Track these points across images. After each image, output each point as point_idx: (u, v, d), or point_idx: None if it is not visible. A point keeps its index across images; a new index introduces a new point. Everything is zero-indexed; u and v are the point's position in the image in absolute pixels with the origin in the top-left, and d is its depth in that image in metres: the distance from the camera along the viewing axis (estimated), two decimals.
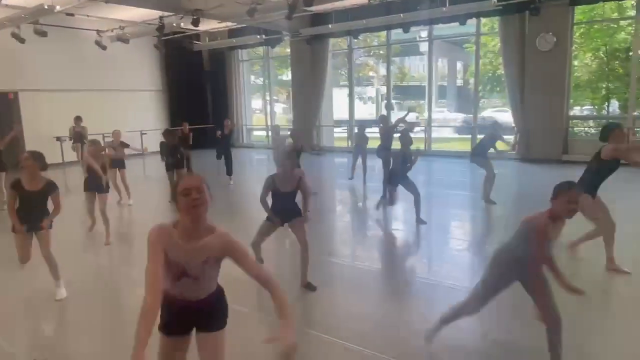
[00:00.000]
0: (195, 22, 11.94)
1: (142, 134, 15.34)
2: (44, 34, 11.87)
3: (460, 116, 22.48)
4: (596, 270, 4.64)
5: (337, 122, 17.68)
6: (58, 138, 13.21)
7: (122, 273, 5.18)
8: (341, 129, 17.99)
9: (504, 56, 12.33)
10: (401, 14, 12.22)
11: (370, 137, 10.03)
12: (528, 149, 12.01)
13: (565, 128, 11.89)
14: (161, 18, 12.34)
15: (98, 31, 13.57)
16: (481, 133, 12.40)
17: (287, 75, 19.57)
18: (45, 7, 10.06)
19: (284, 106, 23.84)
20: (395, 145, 8.13)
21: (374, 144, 9.73)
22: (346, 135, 16.81)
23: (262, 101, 19.53)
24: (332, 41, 15.57)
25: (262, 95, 19.42)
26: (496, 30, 13.20)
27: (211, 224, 2.10)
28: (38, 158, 4.11)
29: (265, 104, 18.96)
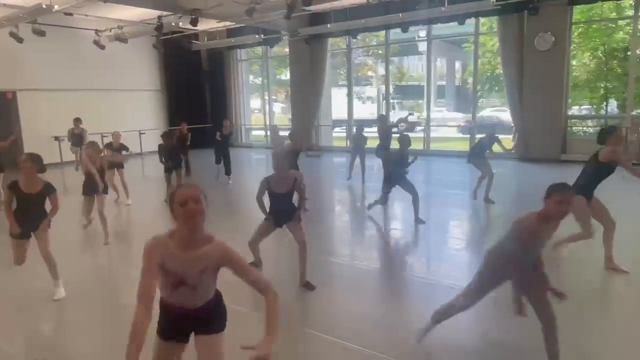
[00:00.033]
0: (193, 22, 11.93)
1: (141, 134, 15.34)
2: (43, 34, 11.86)
3: (459, 115, 22.49)
4: (594, 269, 4.64)
5: (337, 122, 17.67)
6: (56, 138, 13.19)
7: (121, 273, 5.17)
8: (340, 129, 18.00)
9: (503, 56, 12.35)
10: (400, 14, 12.24)
11: (369, 137, 10.02)
12: (527, 149, 12.04)
13: (563, 128, 11.92)
14: (159, 17, 12.32)
15: (96, 31, 13.54)
16: (480, 133, 12.44)
17: (286, 74, 19.55)
18: (43, 7, 10.04)
19: (283, 106, 23.82)
20: (394, 145, 8.14)
21: (373, 144, 9.73)
22: (345, 134, 16.83)
23: (261, 101, 19.51)
24: (331, 41, 15.57)
25: (261, 94, 19.41)
26: (495, 29, 13.22)
27: (208, 233, 2.08)
28: (36, 160, 4.10)
29: (264, 104, 18.96)
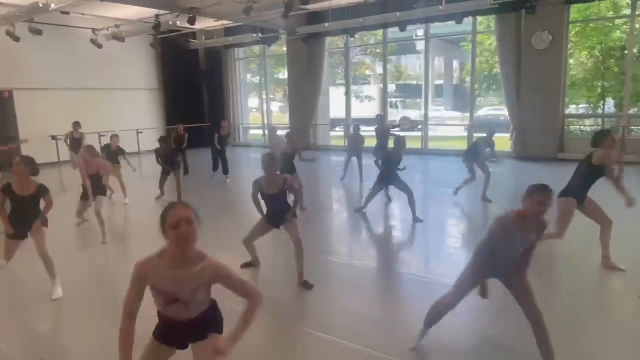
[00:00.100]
0: (191, 20, 11.90)
1: (138, 133, 15.31)
2: (39, 32, 11.81)
3: (457, 114, 22.51)
4: (591, 268, 4.66)
5: (335, 121, 17.63)
6: (53, 137, 13.14)
7: (119, 272, 5.15)
8: (339, 128, 17.96)
9: (500, 54, 12.36)
10: (397, 12, 12.25)
11: (367, 136, 10.00)
12: (524, 147, 12.07)
13: (561, 126, 11.94)
14: (157, 16, 12.28)
15: (93, 29, 13.48)
16: (477, 132, 12.44)
17: (284, 73, 19.51)
18: (40, 5, 10.01)
19: (281, 104, 23.78)
20: (390, 145, 8.14)
21: (370, 142, 9.72)
22: (343, 133, 16.81)
23: (259, 100, 19.49)
24: (329, 39, 15.54)
25: (259, 93, 19.38)
26: (492, 28, 13.21)
27: (200, 251, 2.09)
28: (29, 163, 4.11)
29: (261, 103, 18.94)
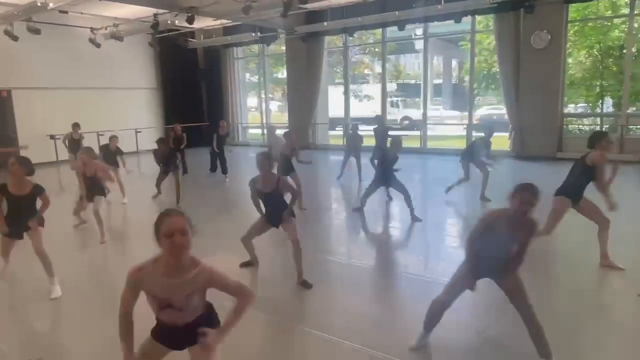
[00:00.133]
0: (190, 20, 11.89)
1: (137, 132, 15.30)
2: (38, 32, 11.78)
3: (456, 114, 22.50)
4: (590, 267, 4.66)
5: (334, 120, 17.61)
6: (52, 136, 13.12)
7: (118, 271, 5.14)
8: (339, 127, 17.94)
9: (499, 54, 12.36)
10: (396, 12, 12.25)
11: (366, 136, 10.00)
12: (523, 147, 12.08)
13: (559, 126, 11.95)
14: (155, 15, 12.26)
15: (92, 29, 13.47)
16: (479, 132, 12.43)
17: (283, 72, 19.51)
18: (38, 5, 10.00)
19: (280, 104, 23.77)
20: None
21: (368, 142, 9.71)
22: (342, 132, 16.79)
23: (258, 99, 19.48)
24: (328, 39, 15.54)
25: (258, 93, 19.37)
26: (491, 27, 13.23)
27: (194, 257, 2.10)
28: (24, 163, 4.11)
29: (260, 102, 18.92)
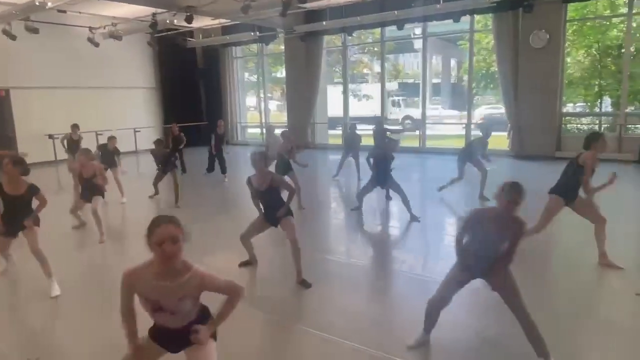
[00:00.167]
0: (188, 19, 11.86)
1: (136, 132, 15.27)
2: (36, 31, 11.74)
3: (454, 113, 22.50)
4: (588, 267, 4.67)
5: (333, 120, 17.57)
6: (50, 136, 13.10)
7: (117, 271, 5.10)
8: (339, 127, 17.91)
9: (498, 53, 12.36)
10: (395, 11, 12.25)
11: (364, 135, 9.99)
12: (522, 146, 12.09)
13: (558, 125, 11.96)
14: (154, 15, 12.23)
15: (90, 28, 13.43)
16: (475, 131, 12.46)
17: (281, 72, 19.51)
18: (36, 4, 9.96)
19: (279, 103, 23.77)
20: None
21: (367, 141, 9.71)
22: (341, 132, 16.78)
23: (256, 98, 19.47)
24: (327, 38, 15.52)
25: (256, 92, 19.36)
26: (490, 27, 13.23)
27: (186, 262, 2.11)
28: (19, 163, 4.09)
29: (259, 101, 18.91)
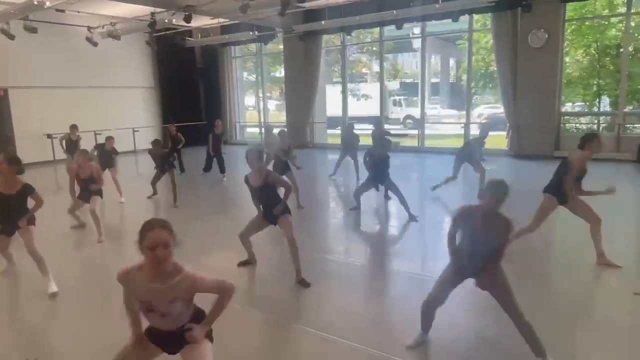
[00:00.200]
0: (187, 19, 11.85)
1: (135, 131, 15.26)
2: (34, 30, 11.73)
3: (453, 113, 22.47)
4: (587, 266, 4.67)
5: (332, 119, 17.56)
6: (49, 135, 13.09)
7: (115, 270, 5.11)
8: (339, 127, 17.89)
9: (497, 53, 12.37)
10: (394, 11, 12.26)
11: (362, 135, 9.98)
12: (520, 145, 12.10)
13: (557, 124, 11.99)
14: (153, 14, 12.22)
15: (89, 27, 13.41)
16: (476, 131, 12.46)
17: (280, 71, 19.50)
18: (35, 3, 9.95)
19: (277, 103, 23.75)
20: None
21: (365, 141, 9.71)
22: (340, 132, 16.77)
23: (255, 98, 19.45)
24: (325, 37, 15.53)
25: (255, 92, 19.35)
26: (488, 26, 13.23)
27: (177, 264, 2.12)
28: (13, 162, 4.10)
29: (258, 101, 18.91)
